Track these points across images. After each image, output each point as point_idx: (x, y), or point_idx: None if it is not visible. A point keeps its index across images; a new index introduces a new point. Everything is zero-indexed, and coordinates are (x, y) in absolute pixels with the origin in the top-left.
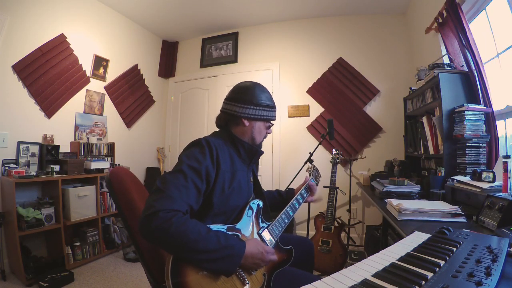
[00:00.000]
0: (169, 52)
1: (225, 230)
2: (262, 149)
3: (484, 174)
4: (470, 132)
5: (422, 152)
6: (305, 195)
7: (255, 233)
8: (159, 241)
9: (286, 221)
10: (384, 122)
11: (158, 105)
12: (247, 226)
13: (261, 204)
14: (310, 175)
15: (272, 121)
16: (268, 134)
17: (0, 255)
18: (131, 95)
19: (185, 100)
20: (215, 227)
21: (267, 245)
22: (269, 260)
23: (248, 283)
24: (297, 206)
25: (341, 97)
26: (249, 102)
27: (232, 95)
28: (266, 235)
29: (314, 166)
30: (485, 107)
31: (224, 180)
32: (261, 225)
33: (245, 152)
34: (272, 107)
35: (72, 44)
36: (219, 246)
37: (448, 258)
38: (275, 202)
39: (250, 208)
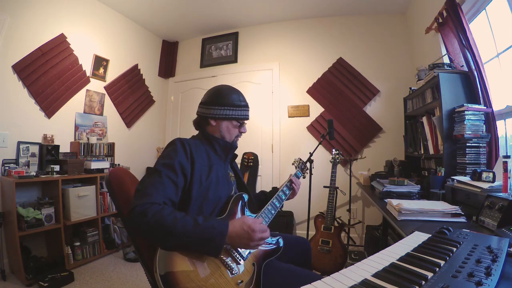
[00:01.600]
0: (169, 52)
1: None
2: (256, 151)
3: (484, 174)
4: (470, 132)
5: (422, 152)
6: (290, 186)
7: None
8: (140, 231)
9: (273, 211)
10: (384, 122)
11: (158, 105)
12: (231, 219)
13: (245, 197)
14: (296, 167)
15: (240, 121)
16: (242, 134)
17: (0, 255)
18: (131, 95)
19: (185, 100)
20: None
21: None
22: (259, 238)
23: (236, 273)
24: (283, 197)
25: (341, 97)
26: (214, 103)
27: (202, 99)
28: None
29: (300, 159)
30: (485, 107)
31: (201, 173)
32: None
33: (220, 148)
34: (239, 106)
35: (72, 44)
36: (197, 227)
37: (448, 258)
38: (260, 201)
39: (234, 201)
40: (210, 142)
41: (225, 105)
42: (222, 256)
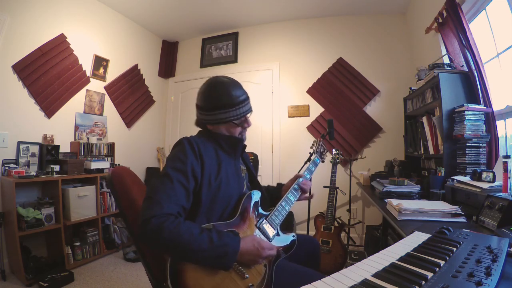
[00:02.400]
0: (169, 52)
1: (220, 227)
2: (256, 151)
3: (484, 174)
4: (470, 132)
5: (422, 152)
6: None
7: (254, 226)
8: (155, 246)
9: (287, 208)
10: (384, 122)
11: (158, 105)
12: (244, 219)
13: (258, 194)
14: (314, 152)
15: (238, 121)
16: (247, 128)
17: (0, 255)
18: (131, 95)
19: (185, 100)
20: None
21: (268, 237)
22: (266, 256)
23: (247, 277)
24: (292, 200)
25: (341, 97)
26: (205, 109)
27: (196, 100)
28: (265, 226)
29: (320, 141)
30: (485, 107)
31: (211, 173)
32: (260, 216)
33: (227, 145)
34: (235, 104)
35: (72, 44)
36: (212, 245)
37: (448, 258)
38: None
39: (246, 200)
40: (216, 140)
41: (218, 109)
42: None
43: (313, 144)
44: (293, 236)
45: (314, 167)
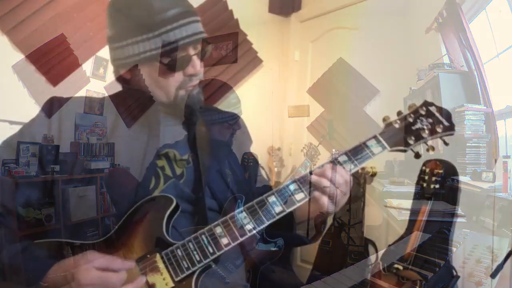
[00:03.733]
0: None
1: None
2: (256, 151)
3: (484, 174)
4: (470, 132)
5: (422, 152)
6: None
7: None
8: None
9: (276, 209)
10: None
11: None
12: None
13: (241, 199)
14: (304, 155)
15: (226, 124)
16: (236, 130)
17: None
18: (131, 95)
19: None
20: None
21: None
22: None
23: (228, 282)
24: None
25: (341, 97)
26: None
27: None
28: (246, 228)
29: (312, 144)
30: (485, 107)
31: None
32: (243, 219)
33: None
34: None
35: (72, 44)
36: None
37: (448, 258)
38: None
39: (228, 205)
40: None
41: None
42: (212, 265)
43: (303, 148)
44: (278, 240)
45: (304, 170)
